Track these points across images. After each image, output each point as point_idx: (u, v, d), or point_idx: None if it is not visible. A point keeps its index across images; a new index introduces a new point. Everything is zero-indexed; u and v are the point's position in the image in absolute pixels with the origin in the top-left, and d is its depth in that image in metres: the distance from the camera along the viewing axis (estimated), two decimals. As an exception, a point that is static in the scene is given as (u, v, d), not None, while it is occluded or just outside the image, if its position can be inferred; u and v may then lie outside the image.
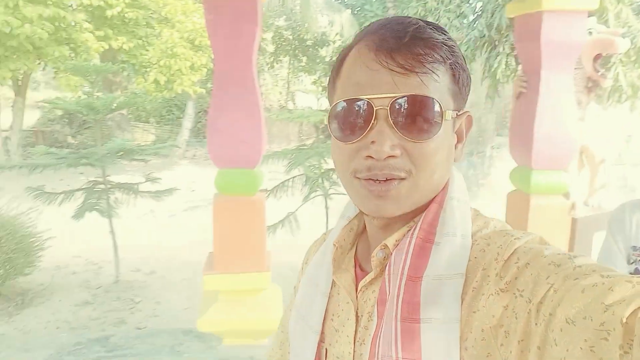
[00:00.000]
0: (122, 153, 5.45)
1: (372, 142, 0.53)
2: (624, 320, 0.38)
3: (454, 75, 0.56)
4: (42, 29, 8.43)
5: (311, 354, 0.64)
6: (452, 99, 0.56)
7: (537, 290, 0.46)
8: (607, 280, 0.42)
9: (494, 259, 0.52)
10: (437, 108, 0.53)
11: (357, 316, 0.62)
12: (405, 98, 0.52)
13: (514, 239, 0.52)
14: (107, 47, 10.31)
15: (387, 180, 0.54)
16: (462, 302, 0.51)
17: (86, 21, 9.71)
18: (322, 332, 0.65)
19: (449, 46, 0.55)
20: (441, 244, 0.55)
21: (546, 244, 0.53)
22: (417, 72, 0.53)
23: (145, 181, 5.42)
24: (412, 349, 0.51)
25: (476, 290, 0.51)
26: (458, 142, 0.60)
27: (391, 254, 0.58)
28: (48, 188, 5.22)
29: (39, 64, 10.12)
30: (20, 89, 11.07)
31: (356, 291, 0.63)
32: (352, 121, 0.55)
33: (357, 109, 0.54)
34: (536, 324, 0.44)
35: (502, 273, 0.50)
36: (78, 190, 5.14)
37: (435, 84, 0.54)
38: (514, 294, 0.47)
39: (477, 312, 0.50)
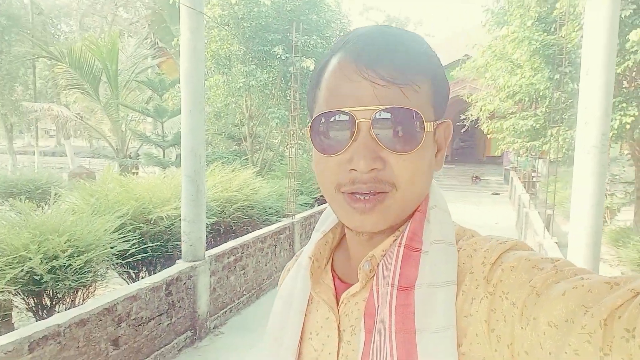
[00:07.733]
0: None
1: (355, 155, 0.53)
2: (603, 322, 0.38)
3: (433, 85, 0.56)
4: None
5: None
6: (433, 108, 0.56)
7: (520, 293, 0.46)
8: (586, 282, 0.42)
9: (481, 262, 0.52)
10: (418, 120, 0.53)
11: (339, 330, 0.59)
12: (387, 110, 0.52)
13: (499, 243, 0.53)
14: None
15: (370, 194, 0.54)
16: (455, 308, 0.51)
17: None
18: (300, 353, 0.62)
19: (428, 56, 0.56)
20: (430, 253, 0.54)
21: (530, 249, 0.53)
22: (398, 84, 0.52)
23: None
24: None
25: (466, 294, 0.51)
26: (438, 151, 0.60)
27: (378, 265, 0.57)
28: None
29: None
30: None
31: (337, 304, 0.61)
32: (334, 134, 0.55)
33: (339, 121, 0.54)
34: (522, 327, 0.45)
35: (489, 276, 0.50)
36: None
37: (416, 95, 0.54)
38: (500, 297, 0.48)
39: (470, 317, 0.50)
